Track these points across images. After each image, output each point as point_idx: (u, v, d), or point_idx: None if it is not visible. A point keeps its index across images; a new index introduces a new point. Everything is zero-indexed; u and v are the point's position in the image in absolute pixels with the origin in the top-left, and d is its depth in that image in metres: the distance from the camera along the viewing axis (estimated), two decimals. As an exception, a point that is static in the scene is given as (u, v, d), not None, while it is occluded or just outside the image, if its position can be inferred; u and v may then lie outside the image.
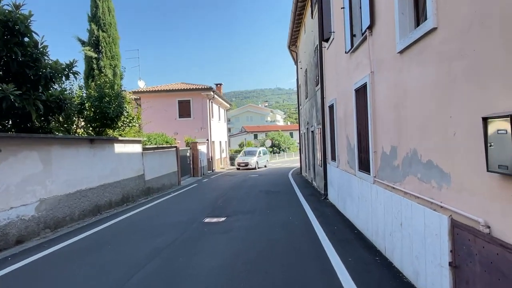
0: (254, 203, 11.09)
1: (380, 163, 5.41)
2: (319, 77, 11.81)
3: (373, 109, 5.63)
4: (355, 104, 6.83)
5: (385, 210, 5.16)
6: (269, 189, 14.54)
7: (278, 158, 49.66)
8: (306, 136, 17.67)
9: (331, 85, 9.90)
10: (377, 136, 5.54)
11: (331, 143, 10.16)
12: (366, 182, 6.22)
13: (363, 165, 6.44)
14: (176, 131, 26.26)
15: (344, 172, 8.22)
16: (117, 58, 13.71)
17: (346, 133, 7.94)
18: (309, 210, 9.28)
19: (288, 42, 21.23)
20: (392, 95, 4.74)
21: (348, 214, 7.91)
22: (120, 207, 11.21)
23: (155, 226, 8.31)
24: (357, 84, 6.57)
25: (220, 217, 9.03)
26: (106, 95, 10.81)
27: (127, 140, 12.20)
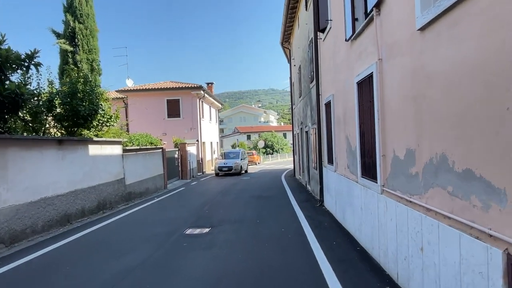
0: (243, 210, 10.08)
1: (391, 170, 4.44)
2: (314, 73, 10.85)
3: (382, 104, 4.67)
4: (357, 99, 5.86)
5: (398, 228, 4.18)
6: (261, 193, 13.54)
7: (271, 159, 48.72)
8: (300, 137, 16.72)
9: (327, 81, 8.93)
10: (386, 136, 4.58)
11: (327, 145, 9.20)
12: (371, 191, 5.25)
13: (368, 171, 5.47)
14: (164, 131, 25.20)
15: (343, 177, 7.26)
16: (95, 52, 12.62)
17: (345, 133, 6.98)
18: (304, 219, 8.29)
19: (280, 38, 20.28)
20: (409, 85, 3.77)
21: (348, 226, 6.94)
22: (95, 215, 10.13)
23: (127, 239, 7.26)
24: (360, 76, 5.60)
25: (204, 228, 8.02)
26: (79, 91, 9.73)
27: (104, 141, 11.12)
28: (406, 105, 3.88)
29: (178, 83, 27.42)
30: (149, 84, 27.60)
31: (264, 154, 50.15)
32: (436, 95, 3.19)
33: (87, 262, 5.75)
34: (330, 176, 8.78)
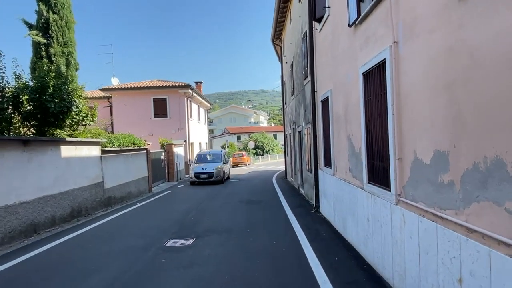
0: (231, 217, 9.20)
1: (411, 176, 3.63)
2: (308, 68, 10.05)
3: (397, 96, 3.86)
4: (362, 93, 5.05)
5: (422, 249, 3.37)
6: (251, 197, 12.67)
7: (261, 160, 47.88)
8: (292, 137, 15.91)
9: (324, 75, 8.13)
10: (404, 135, 3.77)
11: (324, 146, 8.39)
12: (381, 200, 4.44)
13: (377, 176, 4.65)
14: (151, 131, 24.16)
15: (344, 182, 6.44)
16: (71, 45, 11.61)
17: (347, 133, 6.17)
18: (299, 229, 7.46)
19: (271, 35, 19.48)
20: (441, 69, 2.96)
21: (351, 238, 6.12)
22: (67, 224, 9.14)
23: (97, 254, 6.32)
24: (366, 66, 4.79)
25: (188, 239, 7.13)
26: (49, 86, 8.75)
27: (79, 141, 10.13)
28: (435, 95, 3.07)
29: (165, 81, 26.39)
30: (135, 83, 26.52)
31: (254, 155, 49.29)
32: (486, 79, 2.38)
33: (47, 286, 4.81)
34: (328, 180, 7.97)
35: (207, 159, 19.79)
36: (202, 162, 19.40)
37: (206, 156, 20.18)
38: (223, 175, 18.81)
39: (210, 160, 19.75)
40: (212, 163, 19.16)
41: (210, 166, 18.56)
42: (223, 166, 19.28)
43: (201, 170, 18.28)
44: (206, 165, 18.87)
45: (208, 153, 20.92)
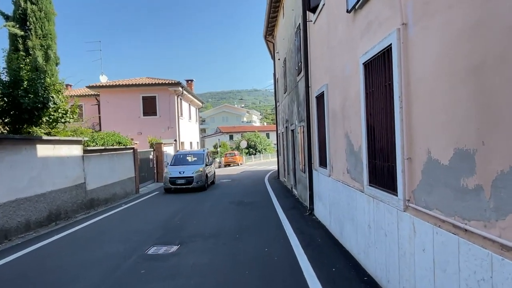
0: (220, 220, 8.65)
1: (423, 179, 3.12)
2: (302, 63, 9.53)
3: (406, 86, 3.35)
4: (363, 85, 4.54)
5: (438, 265, 2.86)
6: (242, 199, 12.12)
7: (254, 160, 47.37)
8: (285, 136, 15.40)
9: (319, 69, 7.62)
10: (414, 132, 3.26)
11: (319, 145, 7.87)
12: (386, 205, 3.93)
13: (380, 178, 4.14)
14: (140, 130, 23.46)
15: (341, 184, 5.93)
16: (51, 38, 10.92)
17: (344, 130, 5.66)
18: (292, 233, 6.93)
19: (264, 31, 18.94)
20: (464, 51, 2.45)
21: (349, 245, 5.61)
22: (44, 228, 8.50)
23: (71, 263, 5.73)
24: (368, 54, 4.28)
25: (172, 245, 6.57)
26: (23, 80, 8.10)
27: (58, 140, 9.49)
28: (456, 83, 2.56)
29: (154, 79, 25.69)
30: (124, 80, 25.78)
31: (246, 154, 48.74)
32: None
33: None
34: (323, 181, 7.46)
35: (186, 161, 16.37)
36: (180, 164, 15.96)
37: (185, 157, 16.75)
38: (205, 180, 15.47)
39: (190, 161, 16.36)
40: (192, 165, 15.78)
41: (190, 169, 15.19)
42: (206, 168, 15.99)
43: (178, 174, 14.96)
44: (184, 168, 15.38)
45: (188, 154, 17.31)
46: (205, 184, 15.31)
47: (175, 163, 16.29)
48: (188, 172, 14.98)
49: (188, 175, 14.88)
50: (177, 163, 16.23)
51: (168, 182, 14.92)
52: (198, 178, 14.92)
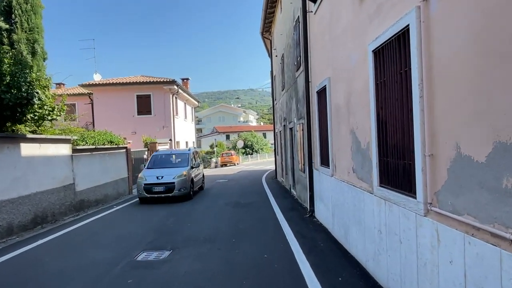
0: (216, 223, 8.18)
1: (449, 178, 2.68)
2: (301, 57, 9.09)
3: (428, 71, 2.90)
4: (373, 75, 4.09)
5: (472, 281, 2.41)
6: (239, 200, 11.65)
7: (251, 160, 46.93)
8: (283, 135, 14.96)
9: (321, 62, 7.18)
10: (437, 124, 2.82)
11: (320, 142, 7.43)
12: (401, 208, 3.48)
13: (394, 178, 3.70)
14: (134, 130, 22.95)
15: (346, 184, 5.49)
16: (38, 32, 10.41)
17: (350, 126, 5.21)
18: (293, 237, 6.47)
19: (261, 27, 18.49)
20: (503, 23, 2.00)
21: (355, 251, 5.16)
22: (28, 232, 7.99)
23: (53, 272, 5.25)
24: (379, 40, 3.84)
25: (164, 251, 6.11)
26: (5, 74, 7.59)
27: (44, 138, 8.98)
28: (497, 62, 2.12)
29: (149, 77, 25.17)
30: (117, 78, 25.24)
31: (243, 154, 48.27)
32: None
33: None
34: (325, 181, 7.01)
35: (167, 163, 13.37)
36: (159, 167, 12.90)
37: (166, 158, 13.74)
38: (191, 186, 12.34)
39: (171, 163, 13.35)
40: (174, 168, 12.68)
41: (170, 173, 11.97)
42: (192, 172, 12.96)
43: (155, 179, 11.73)
44: (164, 171, 12.25)
45: (170, 153, 14.26)
46: (190, 191, 12.17)
47: (153, 165, 13.14)
48: (168, 177, 11.79)
49: (168, 181, 11.70)
50: (155, 165, 13.12)
51: (143, 190, 11.69)
52: (181, 184, 11.75)
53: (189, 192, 12.13)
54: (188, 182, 12.14)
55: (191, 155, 13.64)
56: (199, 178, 14.40)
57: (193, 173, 13.01)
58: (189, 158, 13.34)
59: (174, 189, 11.62)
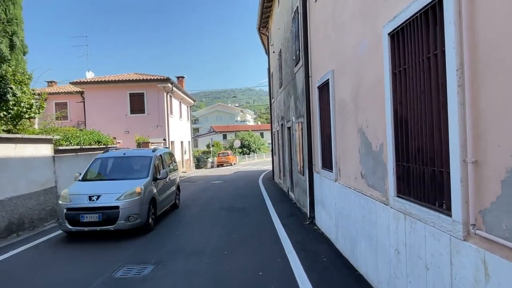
0: (207, 231, 7.48)
1: (503, 193, 1.99)
2: (300, 51, 8.40)
3: (472, 51, 2.22)
4: (389, 63, 3.40)
5: None
6: (233, 203, 10.95)
7: (247, 160, 46.27)
8: (281, 135, 14.27)
9: (322, 54, 6.49)
10: (485, 120, 2.13)
11: (322, 143, 6.74)
12: (429, 227, 2.79)
13: (418, 188, 3.01)
14: (127, 129, 22.23)
15: (353, 191, 4.80)
16: (17, 24, 9.66)
17: (358, 124, 4.53)
18: (292, 250, 5.77)
19: (257, 23, 17.79)
20: None
21: (364, 269, 4.47)
22: (1, 241, 7.26)
23: (14, 294, 4.53)
24: (398, 20, 3.15)
25: (146, 265, 5.45)
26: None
27: (21, 138, 8.24)
28: None
29: (142, 74, 24.42)
30: (110, 76, 24.49)
31: (240, 154, 47.57)
32: None
33: None
34: (327, 186, 6.32)
35: (116, 171, 8.62)
36: (100, 179, 8.45)
37: (116, 164, 8.89)
38: (150, 210, 7.74)
39: (122, 173, 8.49)
40: (123, 181, 7.96)
41: (113, 190, 7.46)
42: (154, 186, 8.30)
43: (86, 201, 7.22)
44: (104, 186, 7.89)
45: (123, 156, 9.16)
46: (147, 219, 7.50)
47: (92, 175, 8.47)
48: (108, 197, 7.19)
49: (108, 204, 7.08)
50: (96, 175, 8.53)
51: (64, 218, 7.12)
52: (130, 210, 7.12)
53: (146, 221, 7.44)
54: (144, 205, 7.42)
55: (154, 161, 8.72)
56: (169, 193, 9.49)
57: (156, 188, 8.32)
58: (151, 165, 8.44)
59: (117, 219, 6.90)
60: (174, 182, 10.43)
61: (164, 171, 8.79)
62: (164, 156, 9.90)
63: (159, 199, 8.52)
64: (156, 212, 8.25)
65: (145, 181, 7.88)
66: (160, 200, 8.59)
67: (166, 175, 8.90)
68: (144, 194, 7.58)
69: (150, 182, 8.11)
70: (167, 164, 10.03)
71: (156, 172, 8.61)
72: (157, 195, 8.38)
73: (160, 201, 8.59)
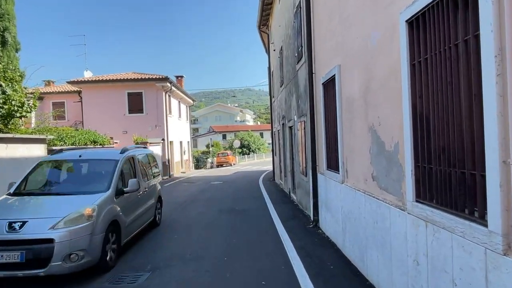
0: (206, 235, 7.14)
1: None
2: (303, 47, 8.08)
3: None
4: (407, 53, 3.07)
5: None
6: (233, 205, 10.61)
7: (247, 160, 45.94)
8: (282, 134, 13.93)
9: (327, 49, 6.16)
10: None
11: (327, 143, 6.41)
12: (456, 237, 2.46)
13: (442, 192, 2.68)
14: (125, 129, 21.90)
15: (362, 194, 4.47)
16: (8, 19, 9.33)
17: (368, 122, 4.20)
18: (295, 255, 5.44)
19: (258, 20, 17.47)
20: None
21: (375, 278, 4.13)
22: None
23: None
24: (419, 3, 2.82)
25: (141, 272, 5.09)
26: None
27: (11, 138, 7.92)
28: None
29: (141, 74, 24.06)
30: (107, 75, 24.14)
31: (240, 154, 47.23)
32: None
33: None
34: (333, 188, 5.99)
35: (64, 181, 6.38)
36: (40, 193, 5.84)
37: (65, 170, 6.51)
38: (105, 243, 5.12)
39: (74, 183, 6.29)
40: (70, 195, 5.53)
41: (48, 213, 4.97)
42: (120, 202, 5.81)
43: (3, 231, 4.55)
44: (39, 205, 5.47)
45: (77, 159, 6.51)
46: (103, 254, 5.10)
47: (29, 186, 5.97)
48: (38, 224, 4.70)
49: (36, 235, 4.58)
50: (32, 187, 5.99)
51: None
52: (72, 244, 4.66)
53: (101, 259, 5.06)
54: (96, 234, 4.99)
55: (121, 166, 6.19)
56: (144, 210, 6.93)
57: (121, 206, 5.78)
58: (115, 173, 5.95)
59: (50, 258, 4.50)
60: (153, 193, 7.76)
61: (134, 181, 6.07)
62: (138, 160, 7.16)
63: (127, 221, 5.87)
64: (120, 240, 5.60)
65: (102, 198, 5.29)
66: (128, 223, 5.97)
67: (137, 186, 6.18)
68: (98, 218, 5.00)
69: (112, 197, 5.50)
70: (144, 170, 7.54)
71: (123, 183, 6.04)
72: (123, 216, 5.70)
73: (128, 223, 5.96)
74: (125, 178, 6.22)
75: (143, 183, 7.08)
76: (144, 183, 7.12)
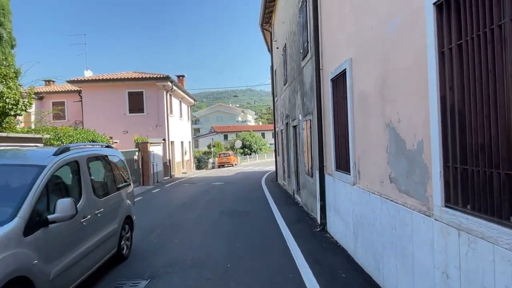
0: (208, 239, 6.80)
1: None
2: (310, 42, 7.76)
3: None
4: (435, 39, 2.73)
5: None
6: (235, 207, 10.27)
7: (249, 160, 45.58)
8: (285, 134, 13.59)
9: (336, 42, 5.82)
10: None
11: (336, 142, 6.06)
12: (499, 249, 2.12)
13: (481, 197, 2.34)
14: (126, 129, 21.59)
15: (378, 197, 4.12)
16: (4, 15, 9.02)
17: (385, 119, 3.85)
18: (304, 262, 5.09)
19: (260, 18, 17.13)
20: None
21: (392, 288, 3.79)
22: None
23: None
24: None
25: (139, 280, 4.76)
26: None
27: (5, 137, 7.60)
28: None
29: (141, 73, 23.76)
30: (108, 74, 23.85)
31: (241, 154, 46.89)
32: None
33: None
34: (342, 190, 5.64)
35: None
36: None
37: None
38: None
39: None
40: None
41: None
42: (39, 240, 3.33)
43: None
44: None
45: None
46: None
47: None
48: None
49: None
50: None
51: None
52: None
53: None
54: None
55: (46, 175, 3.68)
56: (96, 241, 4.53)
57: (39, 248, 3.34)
58: (33, 188, 3.46)
59: None
60: (115, 214, 5.34)
61: (65, 203, 3.53)
62: (89, 166, 4.74)
63: (52, 271, 3.48)
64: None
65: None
66: (57, 273, 3.56)
67: (72, 211, 3.56)
68: None
69: (17, 234, 3.14)
70: (103, 181, 5.39)
71: (48, 205, 3.65)
72: (41, 266, 3.31)
73: (57, 274, 3.56)
74: (49, 198, 3.68)
75: (97, 201, 4.73)
76: (98, 201, 4.76)
